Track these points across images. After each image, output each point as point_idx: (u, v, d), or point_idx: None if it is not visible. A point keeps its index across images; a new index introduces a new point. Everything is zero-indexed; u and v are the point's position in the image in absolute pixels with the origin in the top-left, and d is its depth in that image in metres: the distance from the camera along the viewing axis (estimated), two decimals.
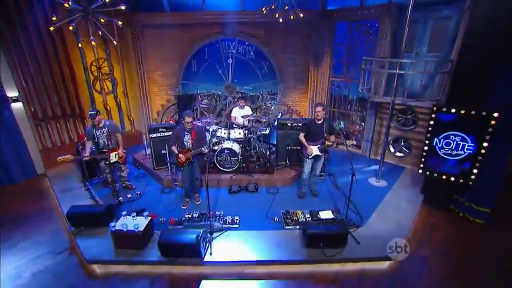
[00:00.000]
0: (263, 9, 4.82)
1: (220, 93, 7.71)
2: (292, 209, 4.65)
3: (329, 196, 5.25)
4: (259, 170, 5.68)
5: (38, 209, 4.97)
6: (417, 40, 5.85)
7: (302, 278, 3.63)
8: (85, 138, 4.89)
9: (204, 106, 6.43)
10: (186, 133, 4.49)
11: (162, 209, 4.76)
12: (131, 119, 7.48)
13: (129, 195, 5.10)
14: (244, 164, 5.70)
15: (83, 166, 5.42)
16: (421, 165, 4.97)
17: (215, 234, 4.10)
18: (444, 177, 4.78)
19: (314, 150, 4.71)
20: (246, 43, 7.18)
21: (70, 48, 6.06)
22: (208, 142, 4.52)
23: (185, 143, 4.51)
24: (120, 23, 4.83)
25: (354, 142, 4.92)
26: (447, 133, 4.56)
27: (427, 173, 4.95)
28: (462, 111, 4.31)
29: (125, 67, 7.05)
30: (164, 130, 5.61)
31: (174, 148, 4.54)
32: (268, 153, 5.90)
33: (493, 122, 4.10)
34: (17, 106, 5.66)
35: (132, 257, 3.74)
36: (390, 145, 6.70)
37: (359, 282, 3.59)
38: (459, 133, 4.45)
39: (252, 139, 5.87)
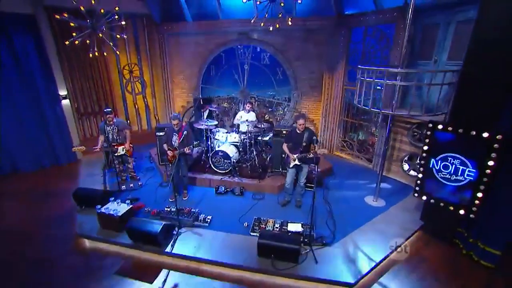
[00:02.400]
0: (254, 19, 4.94)
1: (236, 97, 8.07)
2: (268, 217, 4.69)
3: (308, 208, 5.06)
4: (250, 175, 5.84)
5: (66, 188, 6.11)
6: (437, 46, 5.18)
7: (249, 285, 3.70)
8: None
9: (215, 109, 6.86)
10: (174, 133, 4.99)
11: (153, 201, 5.34)
12: (157, 117, 8.44)
13: (131, 185, 5.85)
14: (237, 168, 5.93)
15: (105, 156, 6.42)
16: (416, 188, 4.42)
17: (183, 229, 4.46)
18: (442, 204, 4.18)
19: (296, 159, 4.66)
20: (261, 50, 7.38)
21: (107, 54, 7.21)
22: (193, 143, 4.90)
23: (173, 142, 5.00)
24: (125, 36, 5.55)
25: (326, 152, 4.66)
26: (444, 155, 3.99)
27: (423, 198, 4.39)
28: (460, 130, 3.73)
29: (153, 70, 8.03)
30: None
31: (164, 146, 5.09)
32: (261, 159, 6.00)
33: (496, 146, 3.45)
34: (65, 102, 7.03)
35: (110, 237, 4.36)
36: (404, 163, 6.06)
37: None
38: (458, 156, 3.86)
39: (248, 144, 6.04)
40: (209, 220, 4.67)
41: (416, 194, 4.49)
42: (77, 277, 3.84)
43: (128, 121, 8.13)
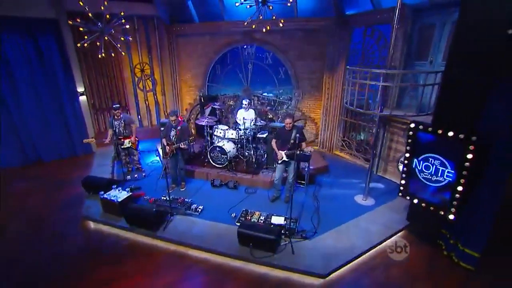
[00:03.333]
0: (247, 21, 5.21)
1: (240, 95, 8.41)
2: (256, 210, 4.98)
3: (301, 205, 5.29)
4: (244, 169, 6.15)
5: (79, 176, 6.77)
6: (433, 46, 5.18)
7: (229, 270, 4.02)
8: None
9: (218, 107, 7.23)
10: (172, 128, 5.42)
11: (153, 190, 5.81)
12: (166, 113, 8.99)
13: (136, 175, 6.39)
14: (233, 163, 6.27)
15: (115, 149, 7.02)
16: (401, 188, 4.51)
17: (176, 216, 4.88)
18: (423, 205, 4.25)
19: (283, 155, 4.91)
20: (264, 50, 7.65)
21: (121, 54, 7.82)
22: (190, 139, 5.31)
23: (171, 137, 5.44)
24: (130, 38, 6.05)
25: (312, 149, 4.82)
26: (426, 155, 4.06)
27: (407, 198, 4.46)
28: (440, 131, 3.79)
29: (163, 69, 8.58)
30: None
31: (163, 140, 5.54)
32: (257, 155, 6.29)
33: (471, 147, 3.50)
34: (82, 98, 7.74)
35: (110, 220, 4.88)
36: (400, 163, 6.07)
37: None
38: (438, 157, 3.93)
39: (245, 140, 6.35)
40: (200, 210, 5.05)
41: (400, 194, 4.58)
42: (81, 251, 4.40)
43: (139, 116, 8.76)
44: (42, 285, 3.78)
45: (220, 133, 6.43)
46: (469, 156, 3.55)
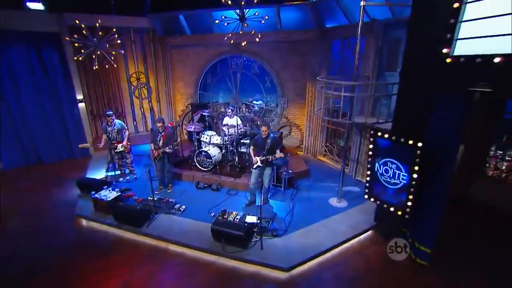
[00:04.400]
0: (229, 34, 5.74)
1: (230, 102, 8.94)
2: (234, 210, 5.43)
3: (277, 206, 5.72)
4: (228, 173, 6.61)
5: (76, 177, 7.32)
6: (400, 58, 5.60)
7: (202, 264, 4.46)
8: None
9: (207, 114, 7.74)
10: (159, 134, 5.93)
11: (143, 191, 6.30)
12: (169, 123, 9.56)
13: (128, 178, 6.91)
14: (218, 166, 6.74)
15: (109, 153, 7.57)
16: (366, 190, 4.91)
17: (162, 215, 5.36)
18: (385, 206, 4.65)
19: (258, 161, 5.36)
20: (251, 60, 8.19)
21: (117, 64, 8.43)
22: (175, 144, 5.83)
23: (158, 142, 5.95)
24: (122, 52, 6.65)
25: (281, 155, 5.22)
26: (385, 160, 4.48)
27: (372, 199, 4.86)
28: (393, 137, 4.22)
29: (158, 78, 9.18)
30: None
31: (151, 145, 6.05)
32: (241, 160, 6.75)
33: (418, 152, 3.92)
34: (81, 105, 8.36)
35: (100, 217, 5.38)
36: None
37: (245, 283, 4.14)
38: (394, 161, 4.35)
39: (229, 146, 6.81)
40: (182, 209, 5.53)
41: (366, 197, 4.99)
42: (74, 245, 4.90)
43: (135, 122, 9.34)
44: (36, 274, 4.26)
45: (206, 138, 6.94)
46: (417, 160, 3.97)
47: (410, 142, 4.00)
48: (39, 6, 7.54)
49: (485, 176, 6.17)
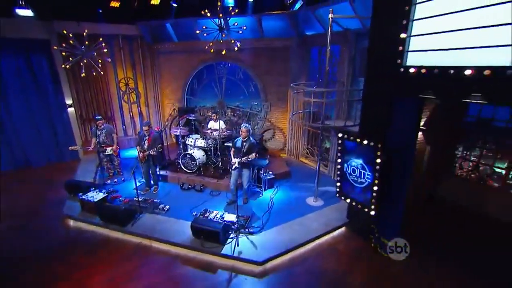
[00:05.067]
0: (210, 43, 6.13)
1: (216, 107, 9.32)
2: (215, 210, 5.78)
3: (257, 205, 6.09)
4: (211, 174, 6.97)
5: (65, 179, 7.59)
6: None
7: (182, 259, 4.79)
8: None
9: (192, 118, 8.09)
10: (145, 137, 6.27)
11: (129, 193, 6.61)
12: (155, 127, 9.88)
13: (115, 180, 7.21)
14: (202, 168, 7.09)
15: (98, 156, 7.88)
16: (337, 189, 5.30)
17: (147, 215, 5.68)
18: (354, 203, 5.04)
19: (236, 162, 5.72)
20: (236, 66, 8.59)
21: (106, 70, 8.77)
22: (159, 147, 6.17)
23: (143, 145, 6.28)
24: (109, 60, 7.01)
25: (253, 156, 5.58)
26: (352, 160, 4.87)
27: (342, 198, 5.25)
28: (358, 140, 4.62)
29: (146, 83, 9.52)
30: None
31: (137, 148, 6.39)
32: (225, 162, 7.11)
33: (379, 153, 4.32)
34: (71, 110, 8.66)
35: (87, 218, 5.69)
36: None
37: (221, 276, 4.47)
38: (359, 161, 4.73)
39: (213, 149, 7.17)
40: (166, 209, 5.86)
41: (337, 195, 5.38)
42: (62, 244, 5.19)
43: (124, 126, 9.65)
44: (25, 271, 4.54)
45: (191, 142, 7.29)
46: (378, 160, 4.37)
47: (372, 143, 4.41)
48: (28, 12, 7.81)
49: (453, 175, 6.60)
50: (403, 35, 3.85)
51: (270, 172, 6.74)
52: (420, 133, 5.66)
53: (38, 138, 8.31)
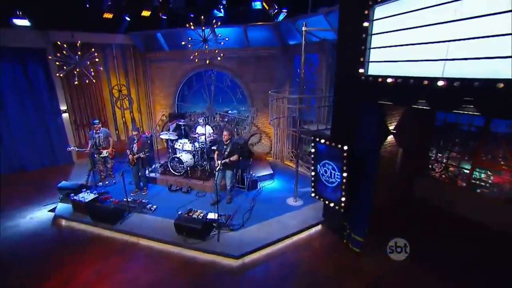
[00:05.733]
0: (195, 53, 6.62)
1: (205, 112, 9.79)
2: (199, 209, 6.17)
3: (239, 205, 6.49)
4: (198, 176, 7.38)
5: (58, 182, 7.97)
6: None
7: (166, 254, 5.17)
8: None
9: (182, 123, 8.53)
10: (134, 141, 6.70)
11: (120, 194, 6.99)
12: (142, 129, 10.32)
13: (107, 182, 7.61)
14: (190, 171, 7.50)
15: (91, 160, 8.28)
16: (312, 189, 5.72)
17: (135, 214, 6.07)
18: (327, 202, 5.45)
19: (219, 163, 6.14)
20: (223, 74, 9.08)
21: (100, 77, 9.22)
22: (147, 150, 6.60)
23: (133, 148, 6.71)
24: (101, 68, 7.48)
25: (233, 158, 5.99)
26: (324, 161, 5.30)
27: (317, 197, 5.67)
28: (327, 142, 5.06)
29: (139, 90, 9.99)
30: None
31: (127, 151, 6.81)
32: (210, 164, 7.53)
33: (345, 154, 4.76)
34: (65, 115, 9.08)
35: (78, 217, 6.06)
36: None
37: (201, 269, 4.86)
38: (330, 162, 5.16)
39: (200, 152, 7.59)
40: (153, 209, 6.25)
41: (313, 195, 5.79)
42: (53, 241, 5.58)
43: (117, 131, 10.08)
44: (20, 266, 4.90)
45: (179, 145, 7.71)
46: (345, 161, 4.81)
47: (339, 145, 4.85)
48: (25, 22, 8.25)
49: (427, 176, 7.03)
50: (362, 47, 4.35)
51: (253, 174, 7.15)
52: (391, 137, 6.18)
53: (33, 143, 8.70)
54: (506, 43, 2.68)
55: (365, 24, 4.24)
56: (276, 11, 7.75)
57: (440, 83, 3.30)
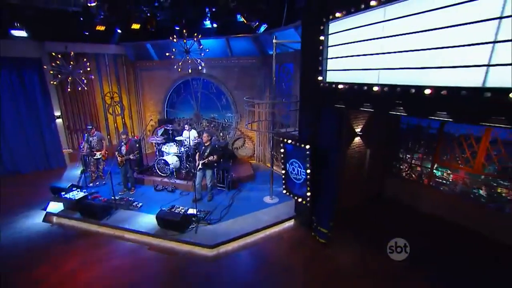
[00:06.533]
0: (179, 63, 7.28)
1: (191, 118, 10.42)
2: (181, 206, 6.70)
3: (219, 203, 7.04)
4: (182, 177, 7.94)
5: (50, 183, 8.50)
6: None
7: (148, 245, 5.70)
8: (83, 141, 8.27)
9: (170, 128, 9.14)
10: (123, 144, 7.28)
11: (109, 194, 7.51)
12: (133, 134, 10.90)
13: (97, 183, 8.15)
14: (175, 172, 8.07)
15: (83, 163, 8.83)
16: (283, 186, 6.30)
17: (122, 210, 6.60)
18: (296, 198, 6.02)
19: (199, 164, 6.73)
20: (209, 82, 9.74)
21: (93, 85, 9.85)
22: (135, 153, 7.18)
23: (122, 151, 7.28)
24: (93, 77, 8.11)
25: (211, 158, 6.58)
26: (291, 160, 5.90)
27: (288, 193, 6.24)
28: (293, 142, 5.66)
29: (130, 97, 10.63)
30: None
31: (116, 153, 7.37)
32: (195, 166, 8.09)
33: (308, 153, 5.36)
34: (59, 121, 9.66)
35: (68, 214, 6.58)
36: None
37: (180, 258, 5.38)
38: (297, 161, 5.76)
39: (185, 155, 8.17)
40: (139, 206, 6.79)
41: (284, 191, 6.36)
42: (43, 235, 6.07)
43: (109, 136, 10.66)
44: (14, 258, 5.37)
45: (166, 148, 8.30)
46: (308, 159, 5.40)
47: (302, 145, 5.45)
48: (22, 33, 8.86)
49: (397, 176, 7.61)
50: (320, 58, 5.00)
51: (233, 175, 7.73)
52: (358, 138, 6.81)
53: (27, 147, 9.24)
54: (420, 56, 3.34)
55: (321, 37, 4.89)
56: (257, 23, 8.46)
57: (375, 88, 3.94)
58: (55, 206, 6.91)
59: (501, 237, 5.52)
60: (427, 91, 3.29)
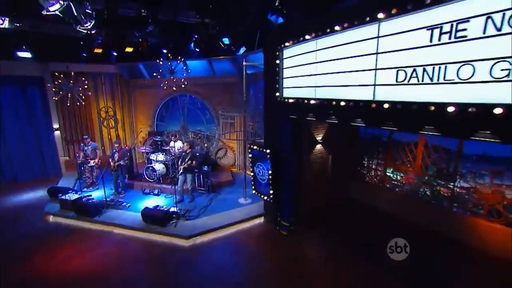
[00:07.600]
0: (165, 82, 8.49)
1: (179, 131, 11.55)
2: (165, 205, 7.68)
3: (199, 203, 8.00)
4: (168, 182, 8.94)
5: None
6: None
7: (134, 239, 6.63)
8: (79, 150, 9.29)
9: (158, 139, 10.20)
10: (115, 152, 8.33)
11: (101, 197, 8.47)
12: (126, 145, 11.95)
13: (90, 188, 9.12)
14: (161, 178, 9.08)
15: (78, 170, 9.81)
16: (253, 187, 7.33)
17: (112, 209, 7.55)
18: (262, 196, 7.05)
19: (181, 168, 7.76)
20: (195, 98, 10.96)
21: (90, 100, 11.01)
22: (126, 159, 8.23)
23: (114, 157, 8.32)
24: (90, 93, 9.29)
25: (189, 163, 7.63)
26: (258, 163, 6.96)
27: (256, 192, 7.26)
28: (258, 148, 6.75)
29: (123, 111, 11.77)
30: None
31: (109, 159, 8.40)
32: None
33: (269, 156, 6.44)
34: (57, 133, 10.72)
35: (64, 213, 7.52)
36: None
37: (161, 248, 6.31)
38: (261, 164, 6.82)
39: (171, 163, 9.21)
40: (128, 206, 7.75)
41: (254, 191, 7.38)
42: (40, 232, 6.98)
43: (103, 147, 11.70)
44: (14, 254, 6.23)
45: (154, 157, 9.35)
46: (269, 162, 6.47)
47: (265, 150, 6.53)
48: (27, 54, 9.98)
49: (361, 180, 8.66)
50: (277, 78, 6.18)
51: (212, 179, 8.76)
52: (320, 146, 7.90)
53: (26, 156, 10.23)
54: (341, 77, 4.50)
55: (277, 61, 6.09)
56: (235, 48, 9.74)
57: (312, 101, 5.09)
58: (52, 206, 7.88)
59: (442, 229, 6.50)
60: (343, 103, 4.44)
